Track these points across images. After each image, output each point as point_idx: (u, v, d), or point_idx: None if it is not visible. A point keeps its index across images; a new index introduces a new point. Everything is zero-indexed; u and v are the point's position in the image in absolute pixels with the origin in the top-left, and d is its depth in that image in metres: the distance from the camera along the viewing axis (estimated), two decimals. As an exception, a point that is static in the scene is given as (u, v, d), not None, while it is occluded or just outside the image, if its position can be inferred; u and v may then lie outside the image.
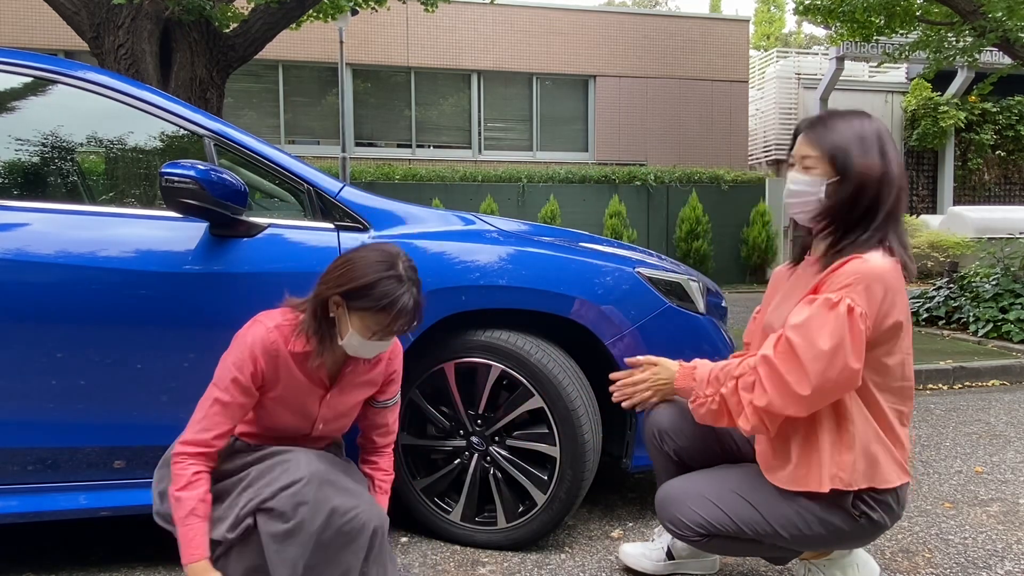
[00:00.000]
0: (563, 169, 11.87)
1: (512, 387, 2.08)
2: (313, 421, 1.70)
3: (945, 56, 7.91)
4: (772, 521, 1.58)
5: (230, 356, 1.58)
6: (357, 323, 1.55)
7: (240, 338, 1.59)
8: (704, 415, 1.62)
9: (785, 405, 1.48)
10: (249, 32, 5.35)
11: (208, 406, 1.55)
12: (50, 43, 10.62)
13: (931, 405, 4.07)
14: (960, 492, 2.66)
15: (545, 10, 13.45)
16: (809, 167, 1.56)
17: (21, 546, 2.17)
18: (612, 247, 2.47)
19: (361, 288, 1.52)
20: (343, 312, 1.56)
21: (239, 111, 12.15)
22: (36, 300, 1.81)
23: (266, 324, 1.60)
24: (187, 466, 1.51)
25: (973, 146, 15.04)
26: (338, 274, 1.56)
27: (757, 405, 1.51)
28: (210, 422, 1.54)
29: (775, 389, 1.48)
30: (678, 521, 1.65)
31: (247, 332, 1.59)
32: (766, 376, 1.50)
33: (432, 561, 2.06)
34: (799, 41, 30.91)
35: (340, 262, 1.59)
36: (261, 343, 1.57)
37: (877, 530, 1.59)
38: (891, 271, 1.49)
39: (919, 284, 11.83)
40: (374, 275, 1.52)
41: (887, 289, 1.47)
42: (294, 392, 1.64)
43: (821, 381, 1.44)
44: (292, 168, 2.07)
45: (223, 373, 1.56)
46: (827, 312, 1.45)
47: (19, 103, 2.09)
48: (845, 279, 1.46)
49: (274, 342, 1.58)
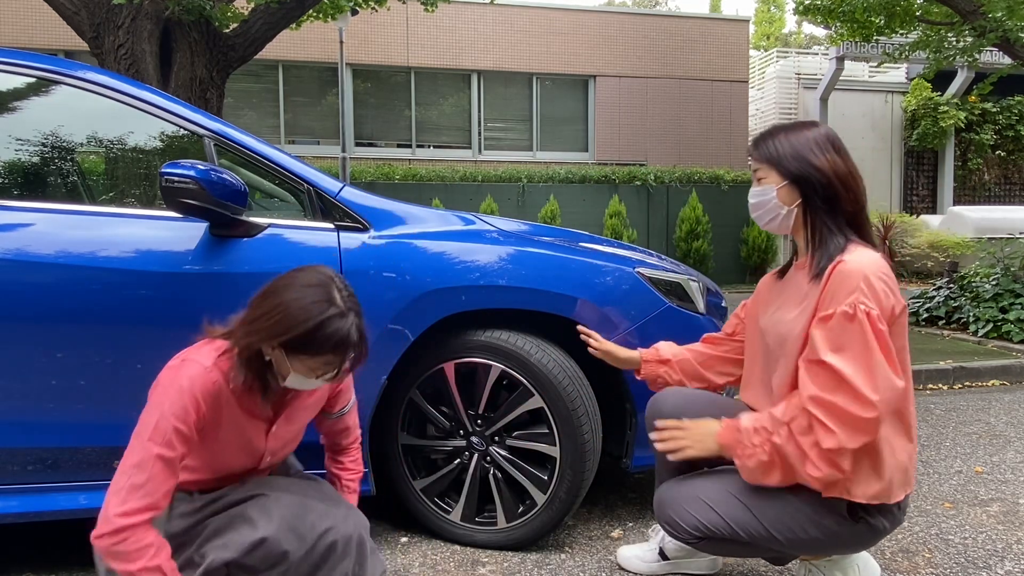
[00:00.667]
0: (563, 169, 11.87)
1: (512, 387, 2.08)
2: (260, 456, 1.58)
3: (945, 56, 7.91)
4: (767, 524, 1.57)
5: (165, 404, 1.37)
6: (300, 366, 1.40)
7: (172, 383, 1.39)
8: (754, 469, 1.52)
9: (855, 435, 1.41)
10: (249, 32, 5.35)
11: (150, 466, 1.33)
12: (50, 43, 10.62)
13: (931, 405, 4.08)
14: (960, 492, 2.66)
15: (545, 10, 13.45)
16: (761, 178, 1.63)
17: (21, 546, 2.17)
18: (612, 247, 2.47)
19: (300, 336, 1.36)
20: (280, 355, 1.40)
21: (239, 111, 12.14)
22: (36, 300, 1.81)
23: (202, 363, 1.41)
24: (142, 535, 1.32)
25: (973, 146, 15.04)
26: (272, 323, 1.37)
27: (826, 447, 1.41)
28: (155, 483, 1.33)
29: (840, 423, 1.41)
30: (674, 522, 1.66)
31: (180, 375, 1.40)
32: (825, 414, 1.42)
33: (432, 561, 2.06)
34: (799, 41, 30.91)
35: (270, 307, 1.38)
36: (201, 387, 1.39)
37: (876, 535, 1.57)
38: (880, 261, 1.50)
39: (919, 284, 11.83)
40: (315, 319, 1.35)
41: (885, 280, 1.48)
42: (238, 431, 1.50)
43: (881, 393, 1.40)
44: (292, 168, 2.07)
45: (161, 425, 1.35)
46: (850, 325, 1.43)
47: (19, 103, 2.09)
48: (847, 286, 1.45)
49: (215, 383, 1.41)
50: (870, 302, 1.44)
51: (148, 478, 1.33)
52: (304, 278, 1.42)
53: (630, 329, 2.13)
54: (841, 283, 1.46)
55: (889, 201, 15.20)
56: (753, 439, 1.51)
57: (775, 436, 1.48)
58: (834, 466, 1.43)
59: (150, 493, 1.33)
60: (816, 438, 1.43)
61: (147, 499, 1.33)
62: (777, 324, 1.62)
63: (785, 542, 1.57)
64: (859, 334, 1.42)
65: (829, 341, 1.45)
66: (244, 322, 1.43)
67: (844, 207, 1.56)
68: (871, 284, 1.45)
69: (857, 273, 1.46)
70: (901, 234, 13.21)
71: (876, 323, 1.43)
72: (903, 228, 13.25)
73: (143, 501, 1.32)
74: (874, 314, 1.43)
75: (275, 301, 1.39)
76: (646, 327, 2.14)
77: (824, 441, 1.42)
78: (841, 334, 1.43)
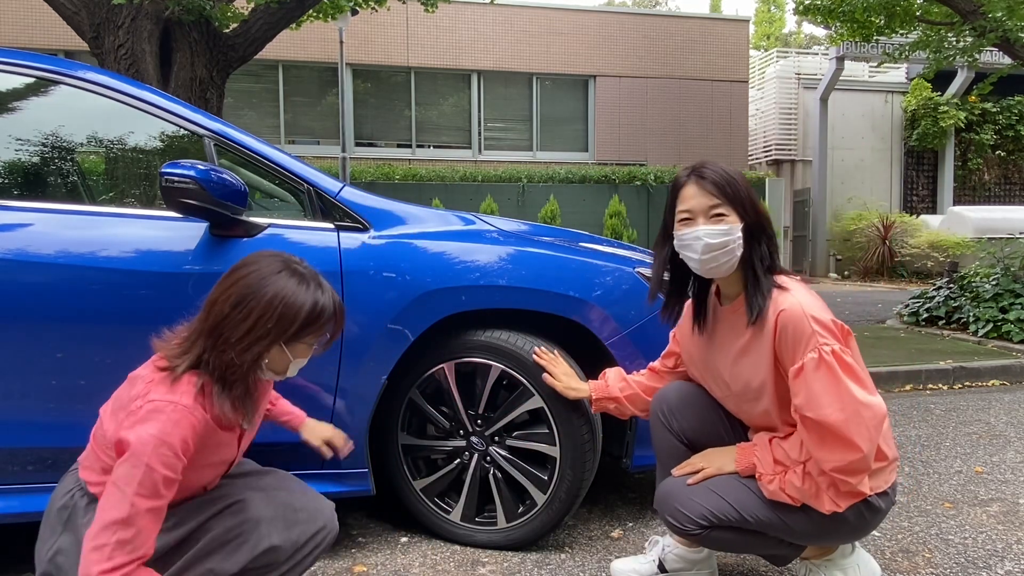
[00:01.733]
0: (563, 169, 11.88)
1: (512, 387, 2.08)
2: (231, 462, 1.54)
3: (945, 56, 7.91)
4: (776, 510, 1.58)
5: (150, 456, 1.26)
6: (300, 350, 1.43)
7: (154, 434, 1.28)
8: (774, 492, 1.59)
9: (858, 475, 1.51)
10: (249, 32, 5.35)
11: (138, 521, 1.25)
12: (50, 43, 10.62)
13: (931, 405, 4.08)
14: (960, 492, 2.66)
15: (545, 10, 13.46)
16: (722, 215, 1.59)
17: (21, 546, 2.17)
18: (612, 247, 2.47)
19: (304, 323, 1.39)
20: (279, 351, 1.40)
21: (239, 111, 12.15)
22: (36, 300, 1.81)
23: (181, 404, 1.32)
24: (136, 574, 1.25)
25: (973, 146, 15.04)
26: (275, 323, 1.36)
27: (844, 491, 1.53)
28: (144, 535, 1.26)
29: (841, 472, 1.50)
30: (679, 514, 1.64)
31: (162, 424, 1.29)
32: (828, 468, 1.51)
33: (432, 561, 2.06)
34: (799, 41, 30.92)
35: (262, 310, 1.36)
36: (190, 429, 1.32)
37: (877, 518, 1.61)
38: (807, 292, 1.59)
39: (919, 284, 11.83)
40: (308, 301, 1.39)
41: (824, 309, 1.55)
42: (216, 452, 1.45)
43: (868, 431, 1.48)
44: (292, 168, 2.07)
45: (149, 478, 1.26)
46: (822, 371, 1.49)
47: (19, 103, 2.09)
48: (803, 330, 1.51)
49: (201, 420, 1.34)
50: (828, 338, 1.50)
51: (136, 532, 1.25)
52: (266, 268, 1.41)
53: (630, 329, 2.13)
54: (798, 329, 1.52)
55: (889, 201, 15.21)
56: (774, 468, 1.60)
57: (790, 474, 1.57)
58: (855, 496, 1.53)
59: (139, 547, 1.25)
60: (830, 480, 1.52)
61: (136, 552, 1.25)
62: (736, 377, 1.68)
63: (793, 526, 1.58)
64: (830, 376, 1.49)
65: (804, 393, 1.51)
66: (234, 339, 1.36)
67: (772, 251, 1.63)
68: (818, 320, 1.52)
69: (802, 315, 1.52)
70: (901, 234, 13.22)
71: (842, 357, 1.50)
72: (903, 228, 13.27)
73: (132, 555, 1.25)
74: (837, 348, 1.50)
75: (263, 301, 1.37)
76: (646, 327, 2.14)
77: (840, 486, 1.52)
78: (817, 382, 1.49)
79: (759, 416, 1.69)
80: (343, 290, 1.97)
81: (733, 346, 1.67)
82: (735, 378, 1.68)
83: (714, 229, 1.57)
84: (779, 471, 1.59)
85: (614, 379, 1.98)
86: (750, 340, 1.62)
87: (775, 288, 1.59)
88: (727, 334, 1.70)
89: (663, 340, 2.06)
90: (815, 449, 1.51)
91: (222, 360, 1.37)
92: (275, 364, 1.43)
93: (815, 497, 1.54)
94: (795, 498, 1.56)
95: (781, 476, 1.58)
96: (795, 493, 1.56)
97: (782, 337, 1.54)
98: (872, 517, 1.60)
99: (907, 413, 3.88)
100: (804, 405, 1.50)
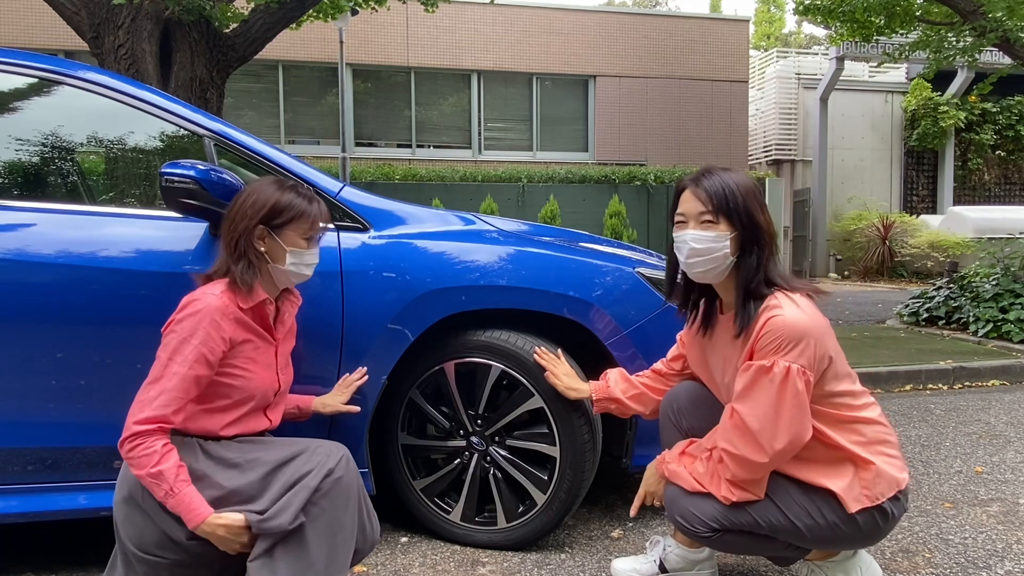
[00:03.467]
0: (563, 169, 11.87)
1: (512, 387, 2.08)
2: (276, 371, 1.73)
3: (945, 56, 7.91)
4: (788, 512, 1.58)
5: (186, 331, 1.54)
6: (291, 238, 1.66)
7: (192, 315, 1.56)
8: (673, 472, 1.70)
9: (754, 469, 1.56)
10: (249, 32, 5.35)
11: (166, 381, 1.51)
12: (50, 43, 10.62)
13: (931, 405, 4.08)
14: (960, 492, 2.66)
15: (545, 10, 13.45)
16: (709, 222, 1.60)
17: (21, 546, 2.17)
18: (612, 247, 2.47)
19: (276, 206, 1.65)
20: (271, 240, 1.66)
21: (239, 111, 12.15)
22: (36, 300, 1.81)
23: (211, 292, 1.60)
24: (152, 442, 1.48)
25: (973, 146, 15.04)
26: (249, 206, 1.65)
27: (729, 479, 1.60)
28: (169, 397, 1.50)
29: (737, 465, 1.57)
30: (690, 515, 1.63)
31: (195, 306, 1.57)
32: (727, 455, 1.58)
33: (432, 561, 2.06)
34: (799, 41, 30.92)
35: (240, 202, 1.68)
36: (219, 310, 1.57)
37: (890, 524, 1.61)
38: (811, 310, 1.56)
39: (919, 284, 11.83)
40: (280, 190, 1.67)
41: (815, 335, 1.53)
42: (257, 349, 1.66)
43: (776, 453, 1.53)
44: (292, 168, 2.07)
45: (184, 348, 1.52)
46: (764, 378, 1.52)
47: (19, 103, 2.09)
48: (776, 340, 1.52)
49: (227, 305, 1.59)
50: (794, 357, 1.51)
51: (162, 391, 1.50)
52: (262, 181, 1.72)
53: (630, 329, 2.13)
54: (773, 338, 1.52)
55: (889, 201, 15.21)
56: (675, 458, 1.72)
57: (696, 461, 1.67)
58: (747, 494, 1.59)
59: (165, 405, 1.50)
60: (721, 468, 1.60)
61: (161, 411, 1.49)
62: (729, 385, 1.68)
63: (805, 530, 1.58)
64: (769, 387, 1.51)
65: (740, 385, 1.56)
66: (226, 230, 1.67)
67: (767, 262, 1.61)
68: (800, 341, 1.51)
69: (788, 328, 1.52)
70: (901, 234, 13.22)
71: (794, 380, 1.50)
72: (903, 228, 13.27)
73: (157, 412, 1.49)
74: (794, 369, 1.50)
75: (241, 198, 1.68)
76: (646, 327, 2.14)
77: (724, 472, 1.59)
78: (755, 383, 1.53)
79: None
80: (343, 290, 1.97)
81: (728, 355, 1.69)
82: (728, 386, 1.69)
83: (701, 235, 1.60)
84: (685, 460, 1.70)
85: (615, 380, 1.98)
86: (740, 351, 1.62)
87: (786, 299, 1.57)
88: (724, 342, 1.71)
89: (663, 340, 2.06)
90: (724, 434, 1.58)
91: (228, 242, 1.67)
92: (272, 252, 1.67)
93: (715, 483, 1.61)
94: (694, 479, 1.63)
95: (688, 462, 1.68)
96: (700, 472, 1.63)
97: (761, 341, 1.54)
98: (885, 524, 1.60)
99: (907, 413, 3.88)
100: (738, 398, 1.56)
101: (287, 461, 1.57)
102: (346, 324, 1.97)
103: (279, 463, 1.57)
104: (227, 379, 1.61)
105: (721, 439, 1.60)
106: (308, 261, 1.72)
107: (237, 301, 1.62)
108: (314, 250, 1.73)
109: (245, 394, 1.65)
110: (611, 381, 1.98)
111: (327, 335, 1.96)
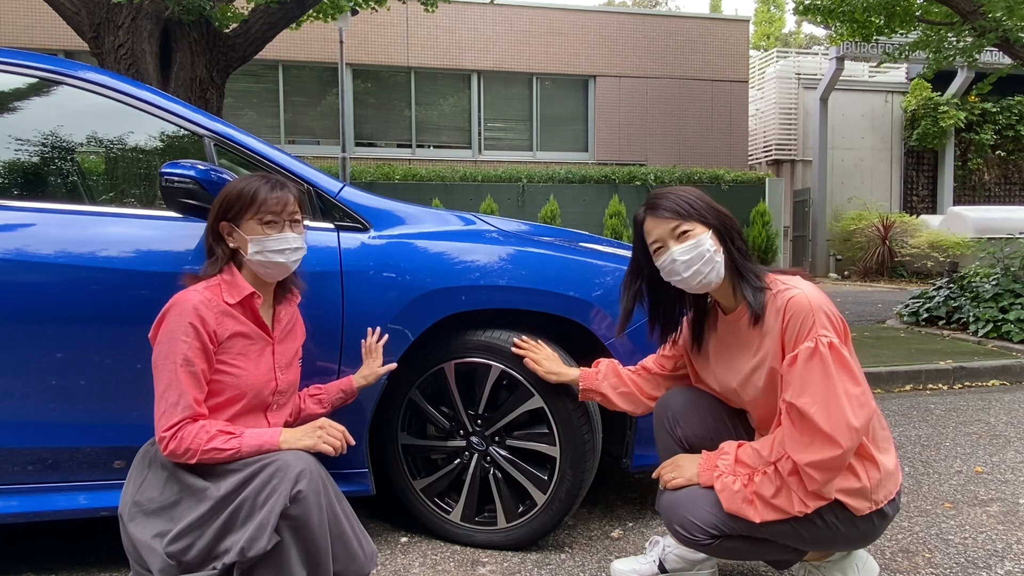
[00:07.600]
0: (563, 169, 11.88)
1: (512, 387, 2.08)
2: (273, 369, 1.71)
3: (945, 56, 7.91)
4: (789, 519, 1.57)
5: (173, 329, 1.55)
6: (249, 226, 1.64)
7: (172, 310, 1.57)
8: (738, 493, 1.57)
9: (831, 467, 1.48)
10: (249, 32, 5.35)
11: (178, 382, 1.52)
12: (50, 43, 10.62)
13: (931, 405, 4.08)
14: (960, 492, 2.66)
15: (545, 10, 13.45)
16: (686, 232, 1.62)
17: (21, 546, 2.17)
18: (612, 247, 2.47)
19: (227, 198, 1.66)
20: (237, 234, 1.66)
21: (239, 111, 12.15)
22: (36, 300, 1.81)
23: (192, 289, 1.61)
24: (187, 432, 1.50)
25: (973, 146, 15.04)
26: (215, 208, 1.68)
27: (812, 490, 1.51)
28: (189, 396, 1.52)
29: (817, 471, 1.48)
30: (689, 523, 1.61)
31: (176, 307, 1.58)
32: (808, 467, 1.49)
33: (432, 561, 2.06)
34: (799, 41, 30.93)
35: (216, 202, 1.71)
36: (201, 303, 1.57)
37: (886, 523, 1.62)
38: (815, 287, 1.60)
39: (919, 284, 11.83)
40: (235, 185, 1.68)
41: (828, 301, 1.57)
42: (251, 343, 1.66)
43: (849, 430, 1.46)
44: (292, 168, 2.07)
45: (175, 347, 1.53)
46: (815, 361, 1.50)
47: (19, 103, 2.09)
48: (805, 318, 1.52)
49: (211, 299, 1.60)
50: (829, 331, 1.51)
51: (180, 394, 1.52)
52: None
53: (630, 329, 2.12)
54: (800, 322, 1.53)
55: (889, 201, 15.21)
56: (731, 469, 1.60)
57: (759, 477, 1.56)
58: (822, 499, 1.52)
59: (186, 406, 1.52)
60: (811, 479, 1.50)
61: (187, 412, 1.52)
62: (749, 383, 1.67)
63: (804, 533, 1.57)
64: (821, 367, 1.49)
65: (796, 384, 1.51)
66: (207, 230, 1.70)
67: (746, 248, 1.67)
68: (824, 311, 1.54)
69: (806, 305, 1.54)
70: (901, 234, 13.22)
71: (838, 350, 1.50)
72: (903, 228, 13.26)
73: (183, 414, 1.51)
74: (835, 342, 1.51)
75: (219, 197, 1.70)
76: (645, 327, 2.13)
77: (809, 484, 1.50)
78: (805, 374, 1.50)
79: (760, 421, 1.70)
80: (343, 290, 1.97)
81: (745, 352, 1.67)
82: (748, 385, 1.67)
83: (685, 246, 1.62)
84: (742, 472, 1.58)
85: (606, 373, 1.96)
86: (760, 342, 1.62)
87: (782, 279, 1.61)
88: (732, 342, 1.71)
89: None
90: (792, 442, 1.50)
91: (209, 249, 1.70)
92: (241, 245, 1.67)
93: (786, 499, 1.52)
94: (763, 503, 1.53)
95: (746, 478, 1.57)
96: (766, 493, 1.53)
97: (790, 325, 1.54)
98: (881, 524, 1.60)
99: (907, 413, 3.88)
100: (791, 393, 1.51)
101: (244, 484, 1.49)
102: (346, 324, 1.97)
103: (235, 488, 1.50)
104: (217, 375, 1.60)
105: (791, 449, 1.50)
106: (272, 247, 1.64)
107: (222, 296, 1.63)
108: (280, 235, 1.65)
109: (236, 391, 1.63)
110: (601, 373, 1.97)
111: (327, 334, 1.96)
